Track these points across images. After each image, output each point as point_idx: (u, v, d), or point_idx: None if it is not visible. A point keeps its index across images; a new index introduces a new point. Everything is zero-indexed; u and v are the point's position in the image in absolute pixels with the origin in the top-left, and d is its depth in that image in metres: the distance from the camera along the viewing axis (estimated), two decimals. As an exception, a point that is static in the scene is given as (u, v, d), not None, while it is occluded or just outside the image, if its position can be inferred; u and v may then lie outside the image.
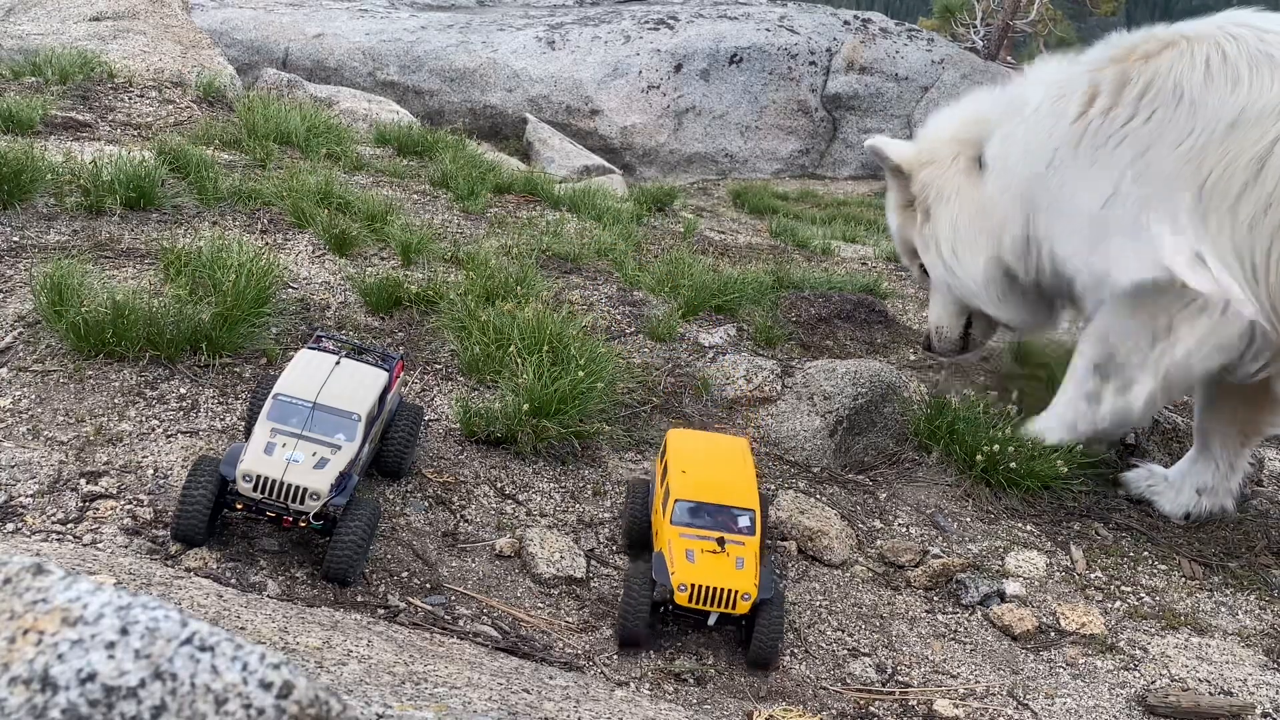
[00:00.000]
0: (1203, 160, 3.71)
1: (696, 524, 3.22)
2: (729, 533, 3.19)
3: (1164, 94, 3.82)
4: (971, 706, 3.15)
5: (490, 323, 4.15)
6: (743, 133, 16.40)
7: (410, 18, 17.60)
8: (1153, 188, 3.80)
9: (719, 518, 3.23)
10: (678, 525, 3.21)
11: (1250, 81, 3.70)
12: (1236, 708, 3.29)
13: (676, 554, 3.15)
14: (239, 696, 1.18)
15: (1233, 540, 4.21)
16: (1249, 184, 3.65)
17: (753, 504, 3.27)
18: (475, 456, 3.74)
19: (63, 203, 4.81)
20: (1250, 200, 3.66)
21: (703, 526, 3.21)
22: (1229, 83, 3.72)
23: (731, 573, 3.13)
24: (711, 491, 3.28)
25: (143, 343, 3.72)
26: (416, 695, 2.25)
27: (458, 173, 6.47)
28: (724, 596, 3.10)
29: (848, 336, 5.24)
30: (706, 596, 3.10)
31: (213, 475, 3.00)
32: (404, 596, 3.10)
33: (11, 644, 1.17)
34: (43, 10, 9.18)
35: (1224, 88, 3.73)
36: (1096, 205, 3.92)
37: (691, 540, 3.18)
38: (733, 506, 3.25)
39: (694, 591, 3.10)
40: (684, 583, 3.10)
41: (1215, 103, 3.73)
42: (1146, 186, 3.81)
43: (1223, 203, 3.69)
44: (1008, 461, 4.13)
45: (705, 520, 3.23)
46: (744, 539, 3.20)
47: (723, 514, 3.24)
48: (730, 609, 3.11)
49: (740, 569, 3.13)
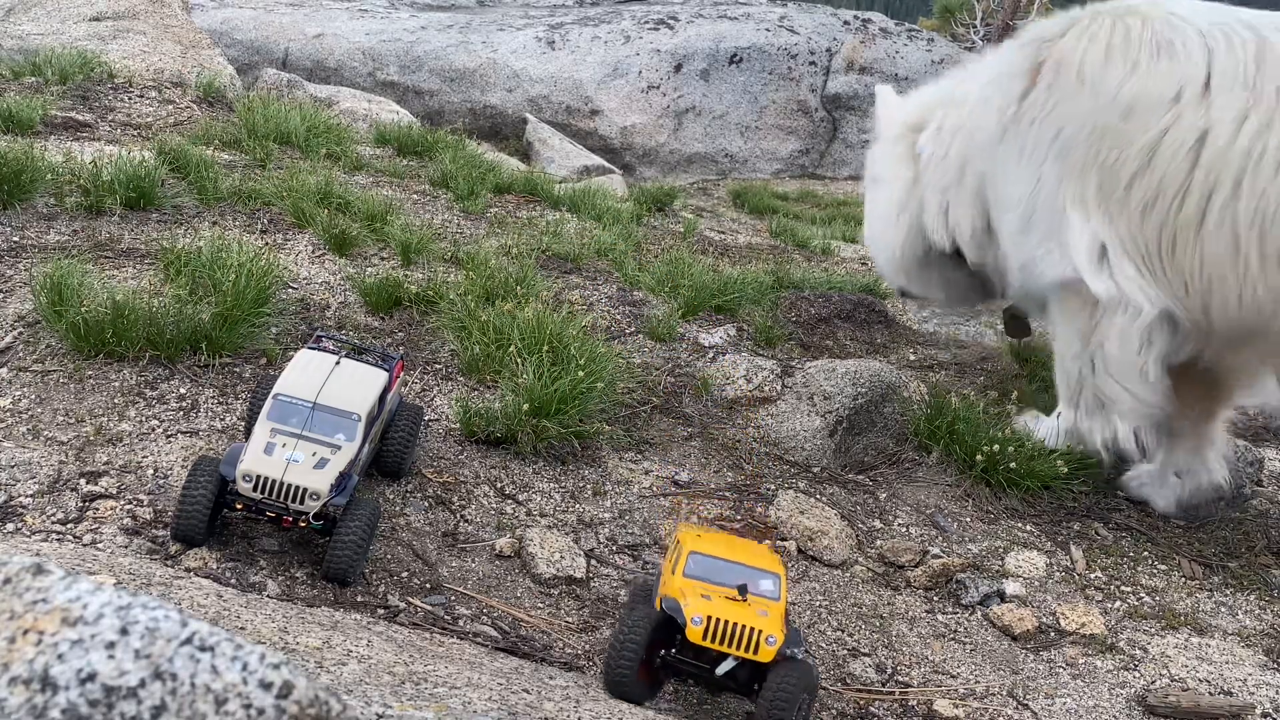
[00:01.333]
0: (1101, 145, 3.74)
1: (713, 579, 2.82)
2: (752, 592, 2.81)
3: (1068, 75, 3.84)
4: (971, 706, 3.15)
5: (490, 323, 4.15)
6: (743, 133, 16.40)
7: (410, 18, 17.59)
8: (1064, 170, 3.83)
9: (739, 576, 2.83)
10: (691, 578, 2.83)
11: (1148, 67, 3.71)
12: (1236, 708, 3.29)
13: (690, 596, 2.77)
14: (239, 696, 1.18)
15: (1233, 540, 4.21)
16: (1139, 173, 3.69)
17: (778, 569, 2.90)
18: (475, 456, 3.75)
19: (63, 203, 4.81)
20: (1140, 189, 3.69)
21: (720, 582, 2.81)
22: (1128, 66, 3.74)
23: (755, 615, 2.73)
24: (731, 552, 2.92)
25: (143, 343, 3.72)
26: (416, 695, 2.25)
27: (458, 173, 6.47)
28: (746, 636, 2.69)
29: (848, 336, 5.24)
30: (725, 634, 2.69)
31: (213, 475, 3.00)
32: (404, 596, 3.10)
33: (11, 644, 1.17)
34: (43, 10, 9.17)
35: (1122, 71, 3.74)
36: (1024, 192, 3.96)
37: (708, 587, 2.80)
38: (755, 567, 2.87)
39: (710, 627, 2.69)
40: (699, 614, 2.71)
41: (1113, 86, 3.75)
42: (1060, 170, 3.84)
43: (1116, 190, 3.72)
44: (1008, 461, 4.13)
45: (723, 576, 2.83)
46: (768, 602, 2.80)
47: (744, 573, 2.84)
48: (752, 653, 2.68)
49: (765, 616, 2.74)
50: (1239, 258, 3.64)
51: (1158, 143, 3.66)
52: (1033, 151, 3.91)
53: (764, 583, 2.84)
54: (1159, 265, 3.74)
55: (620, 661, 2.70)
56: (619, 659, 2.70)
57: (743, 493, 3.90)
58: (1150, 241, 3.73)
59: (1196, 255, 3.68)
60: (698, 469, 3.97)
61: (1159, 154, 3.66)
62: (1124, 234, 3.75)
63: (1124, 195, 3.72)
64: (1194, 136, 3.62)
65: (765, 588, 2.83)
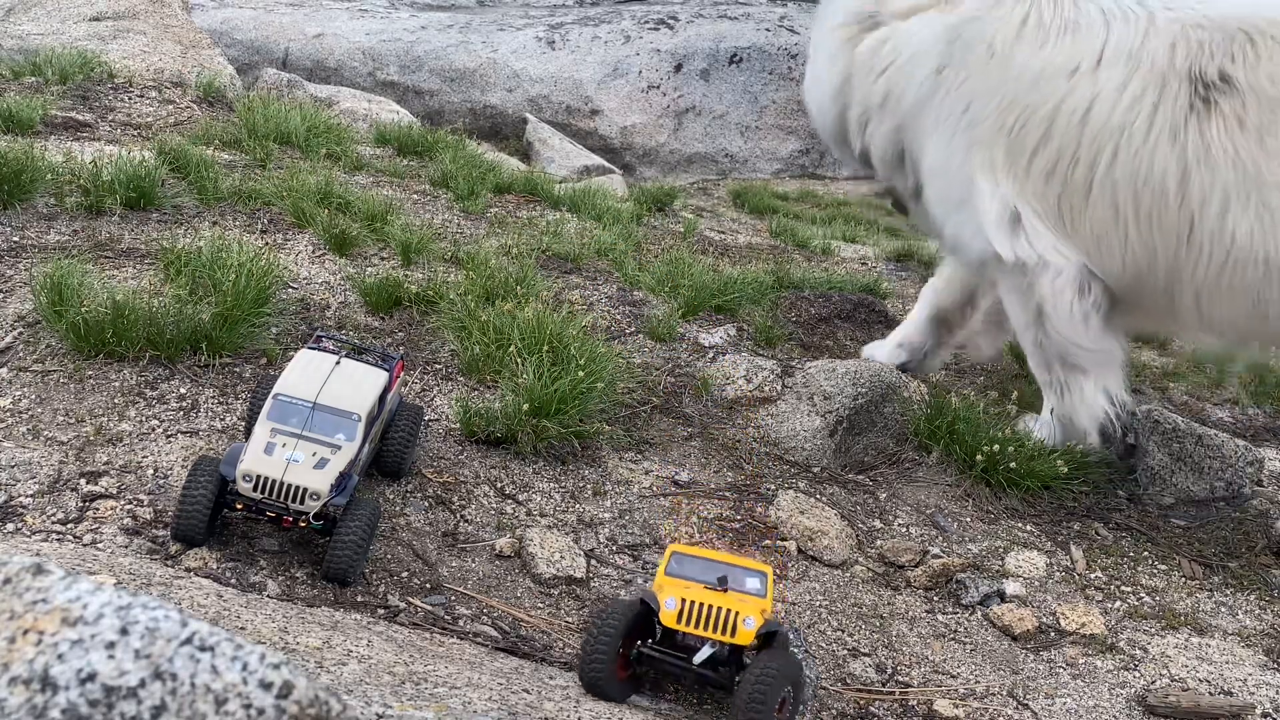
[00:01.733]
0: (1008, 115, 4.01)
1: (695, 576, 2.74)
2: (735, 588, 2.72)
3: (979, 51, 4.09)
4: (971, 706, 3.15)
5: (490, 323, 4.15)
6: (743, 133, 16.39)
7: (410, 18, 17.58)
8: (974, 139, 4.09)
9: (723, 573, 2.73)
10: (672, 576, 2.75)
11: (1055, 43, 3.99)
12: (1236, 708, 3.29)
13: (669, 589, 2.71)
14: (239, 696, 1.18)
15: (1233, 540, 4.21)
16: (1041, 141, 3.99)
17: (765, 570, 2.81)
18: (475, 456, 3.75)
19: (63, 203, 4.81)
20: (1042, 157, 4.00)
21: (701, 579, 2.73)
22: (1037, 43, 4.02)
23: (734, 600, 2.66)
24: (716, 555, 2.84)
25: (143, 343, 3.72)
26: (416, 695, 2.25)
27: (458, 173, 6.46)
28: (722, 619, 2.62)
29: (848, 336, 5.24)
30: (700, 617, 2.62)
31: (213, 475, 3.00)
32: (404, 596, 3.10)
33: (11, 644, 1.17)
34: (43, 10, 9.17)
35: (1032, 47, 4.02)
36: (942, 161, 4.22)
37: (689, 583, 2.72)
38: (740, 566, 2.78)
39: (685, 609, 2.63)
40: (673, 598, 2.65)
41: (1021, 61, 4.02)
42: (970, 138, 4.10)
43: (1022, 158, 4.03)
44: (1008, 461, 4.13)
45: (705, 572, 2.74)
46: (753, 599, 2.71)
47: (728, 571, 2.74)
48: (729, 635, 2.61)
49: (744, 602, 2.67)
50: (1119, 220, 3.97)
51: (1055, 113, 3.97)
52: (946, 122, 4.17)
53: (749, 581, 2.75)
54: (1065, 228, 4.03)
55: (596, 655, 2.60)
56: (595, 653, 2.60)
57: (743, 493, 3.90)
58: (1052, 207, 4.02)
59: (1087, 219, 4.01)
60: (698, 469, 3.97)
61: (1056, 124, 3.97)
62: (1031, 199, 4.03)
63: (1028, 163, 4.02)
64: (1084, 106, 3.94)
65: (751, 585, 2.74)
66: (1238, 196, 3.82)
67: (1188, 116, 3.86)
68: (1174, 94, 3.87)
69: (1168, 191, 3.89)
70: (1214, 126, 3.83)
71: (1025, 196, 4.03)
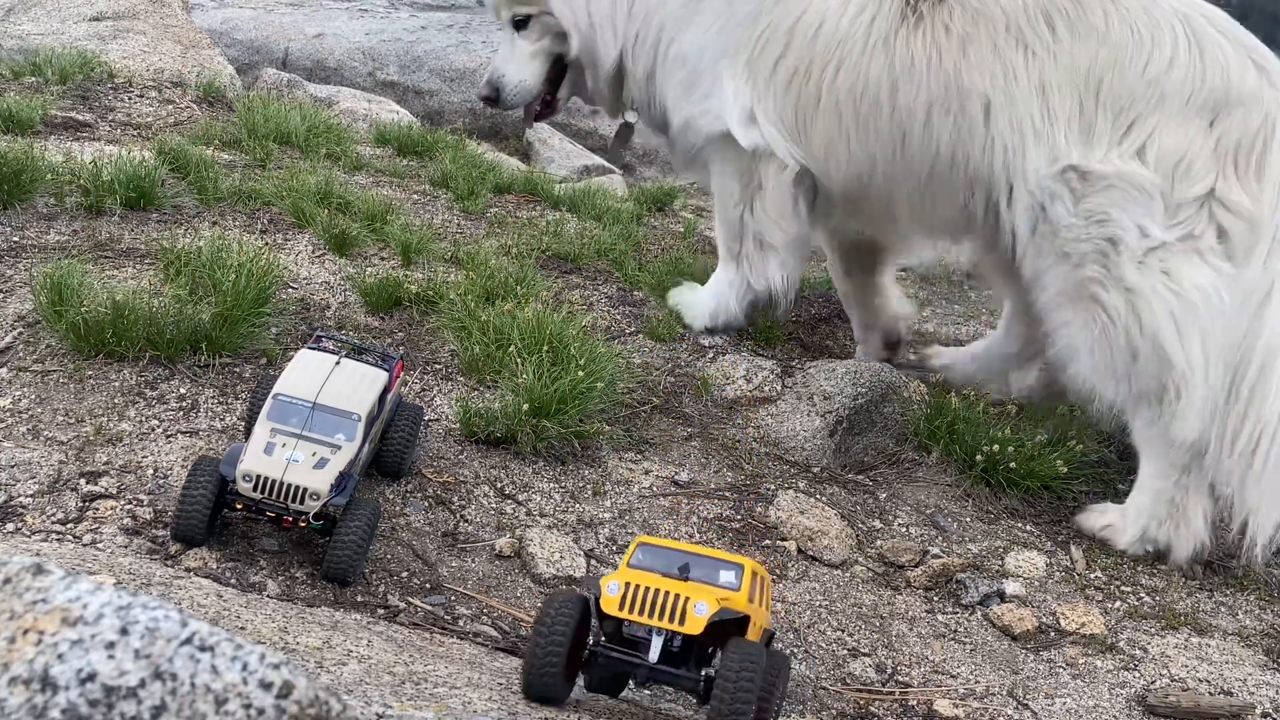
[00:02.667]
0: (757, 26, 4.25)
1: (657, 568, 2.43)
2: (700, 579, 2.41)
3: None
4: (971, 706, 3.15)
5: (490, 323, 4.15)
6: (743, 133, 16.38)
7: (410, 18, 17.58)
8: (728, 44, 4.32)
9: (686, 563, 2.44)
10: (635, 567, 2.45)
11: None
12: (1236, 708, 3.29)
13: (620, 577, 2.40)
14: (239, 696, 1.18)
15: (1233, 540, 4.21)
16: (782, 54, 4.21)
17: (745, 562, 2.48)
18: (475, 456, 3.75)
19: (63, 203, 4.81)
20: (782, 69, 4.21)
21: (664, 570, 2.42)
22: None
23: (689, 587, 2.35)
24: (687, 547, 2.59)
25: (143, 343, 3.72)
26: (416, 695, 2.25)
27: (458, 173, 6.46)
28: (670, 604, 2.29)
29: (848, 336, 5.24)
30: (646, 603, 2.29)
31: (213, 475, 3.00)
32: (404, 596, 3.10)
33: (11, 644, 1.17)
34: (43, 10, 9.17)
35: None
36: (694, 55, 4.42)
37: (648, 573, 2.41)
38: (714, 558, 2.49)
39: (628, 594, 2.31)
40: (616, 582, 2.34)
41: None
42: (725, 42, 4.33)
43: (764, 69, 4.25)
44: (1008, 461, 4.13)
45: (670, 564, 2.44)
46: (726, 592, 2.40)
47: (700, 564, 2.44)
48: (677, 624, 2.27)
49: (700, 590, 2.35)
50: (842, 130, 4.18)
51: (795, 26, 4.18)
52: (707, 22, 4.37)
53: (722, 573, 2.44)
54: (797, 135, 4.29)
55: (544, 656, 2.29)
56: (542, 654, 2.29)
57: (742, 493, 3.90)
58: (788, 115, 4.26)
59: (818, 129, 4.23)
60: (698, 469, 3.97)
61: (794, 37, 4.19)
62: (769, 107, 4.27)
63: (770, 74, 4.24)
64: (818, 21, 4.15)
65: (723, 578, 2.43)
66: (940, 106, 3.99)
67: (898, 27, 4.04)
68: (889, 5, 4.07)
69: (880, 102, 4.08)
70: (921, 37, 4.01)
71: (764, 105, 4.27)
